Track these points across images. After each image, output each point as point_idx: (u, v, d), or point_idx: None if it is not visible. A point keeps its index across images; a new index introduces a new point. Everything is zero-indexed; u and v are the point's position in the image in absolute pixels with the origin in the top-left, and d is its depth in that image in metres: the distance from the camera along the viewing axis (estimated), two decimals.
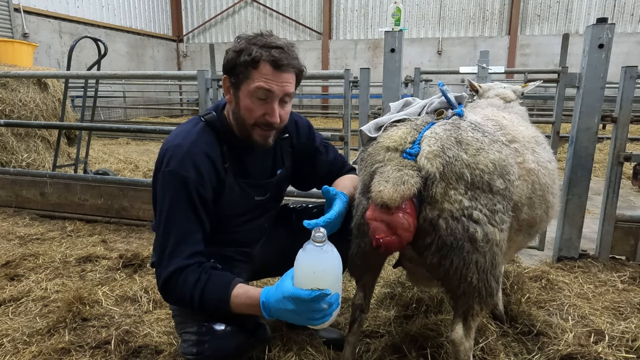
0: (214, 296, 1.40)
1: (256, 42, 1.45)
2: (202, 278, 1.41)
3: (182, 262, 1.43)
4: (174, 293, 1.45)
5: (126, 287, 2.54)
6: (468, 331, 1.43)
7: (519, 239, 1.63)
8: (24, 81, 5.34)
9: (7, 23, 10.99)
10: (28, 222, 3.78)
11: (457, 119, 1.45)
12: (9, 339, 2.02)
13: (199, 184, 1.48)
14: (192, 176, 1.47)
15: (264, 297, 1.33)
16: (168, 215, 1.47)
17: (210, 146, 1.54)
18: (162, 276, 1.44)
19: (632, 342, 1.97)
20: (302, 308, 1.25)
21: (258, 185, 1.70)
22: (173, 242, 1.45)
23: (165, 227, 1.47)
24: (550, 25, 15.00)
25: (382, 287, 2.46)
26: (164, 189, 1.49)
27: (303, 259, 1.26)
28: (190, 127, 1.59)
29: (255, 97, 1.46)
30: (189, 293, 1.41)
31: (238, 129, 1.57)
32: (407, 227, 1.29)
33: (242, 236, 1.74)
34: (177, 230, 1.46)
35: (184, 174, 1.46)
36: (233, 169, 1.60)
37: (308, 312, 1.25)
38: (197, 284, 1.40)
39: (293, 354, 1.85)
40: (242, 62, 1.44)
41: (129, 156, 7.07)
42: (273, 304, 1.30)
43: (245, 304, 1.37)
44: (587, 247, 3.01)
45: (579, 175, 2.84)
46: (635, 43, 14.08)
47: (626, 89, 2.72)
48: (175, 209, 1.46)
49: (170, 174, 1.47)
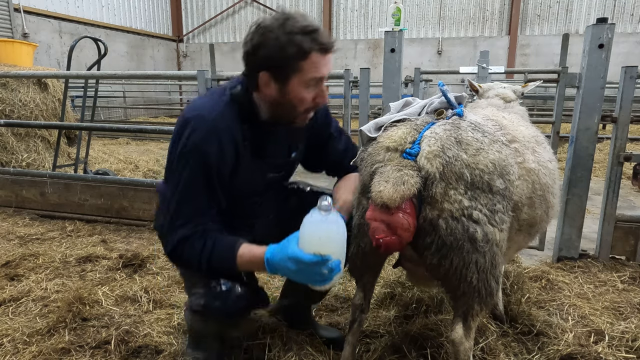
0: (220, 258, 1.46)
1: (292, 29, 1.37)
2: (208, 243, 1.46)
3: (191, 231, 1.47)
4: (182, 259, 1.53)
5: (126, 287, 2.54)
6: (468, 331, 1.43)
7: (519, 239, 1.63)
8: (24, 81, 5.33)
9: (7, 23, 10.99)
10: (28, 222, 3.78)
11: (457, 119, 1.45)
12: (9, 339, 2.02)
13: (220, 163, 1.48)
14: (214, 154, 1.46)
15: (268, 255, 1.39)
16: (184, 189, 1.47)
17: (234, 123, 1.51)
18: (171, 244, 1.49)
19: (632, 342, 1.97)
20: (303, 270, 1.31)
21: (273, 165, 1.70)
22: (186, 214, 1.47)
23: (180, 199, 1.48)
24: (550, 25, 15.01)
25: (382, 287, 2.46)
26: (183, 160, 1.47)
27: (308, 225, 1.31)
28: (216, 99, 1.54)
29: (307, 86, 1.45)
30: (196, 259, 1.47)
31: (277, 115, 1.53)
32: (407, 227, 1.29)
33: (248, 210, 1.75)
34: (192, 205, 1.48)
35: (206, 149, 1.45)
36: (251, 147, 1.58)
37: (308, 274, 1.33)
38: (204, 250, 1.46)
39: (293, 354, 1.85)
40: (289, 57, 1.38)
41: (129, 156, 7.07)
42: (276, 262, 1.36)
43: (250, 261, 1.43)
44: (587, 247, 3.01)
45: (579, 175, 2.84)
46: (635, 43, 14.08)
47: (626, 89, 2.72)
48: (192, 184, 1.47)
49: (193, 147, 1.45)
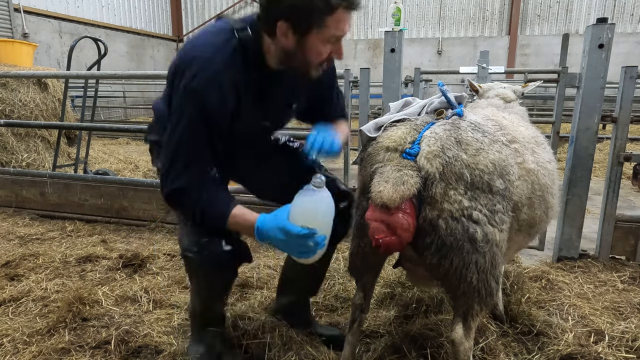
0: (214, 214, 1.50)
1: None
2: (204, 197, 1.49)
3: (187, 182, 1.49)
4: (177, 206, 1.59)
5: (126, 287, 2.54)
6: (468, 331, 1.43)
7: (519, 239, 1.63)
8: (24, 81, 5.33)
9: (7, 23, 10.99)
10: (28, 222, 3.78)
11: (457, 119, 1.45)
12: (9, 339, 2.02)
13: (221, 112, 1.47)
14: (215, 103, 1.44)
15: (259, 223, 1.44)
16: (182, 136, 1.47)
17: (240, 71, 1.48)
18: (167, 189, 1.51)
19: (632, 342, 1.97)
20: (291, 241, 1.38)
21: (271, 114, 1.69)
22: (183, 161, 1.48)
23: (177, 146, 1.48)
24: (550, 25, 15.00)
25: (382, 287, 2.46)
26: (184, 104, 1.46)
27: (300, 199, 1.40)
28: (222, 42, 1.48)
29: (326, 42, 1.44)
30: (191, 209, 1.52)
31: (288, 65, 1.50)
32: (406, 228, 1.29)
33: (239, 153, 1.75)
34: (189, 153, 1.48)
35: (208, 98, 1.43)
36: (253, 95, 1.56)
37: (295, 245, 1.39)
38: (199, 202, 1.49)
39: (293, 354, 1.85)
40: (315, 9, 1.36)
41: (129, 156, 7.07)
42: (266, 231, 1.42)
43: (241, 225, 1.49)
44: (587, 247, 3.01)
45: (579, 175, 2.84)
46: (635, 43, 14.07)
47: (626, 89, 2.72)
48: (191, 132, 1.46)
49: (195, 92, 1.43)
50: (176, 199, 1.52)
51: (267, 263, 2.81)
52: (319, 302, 2.36)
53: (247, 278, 2.60)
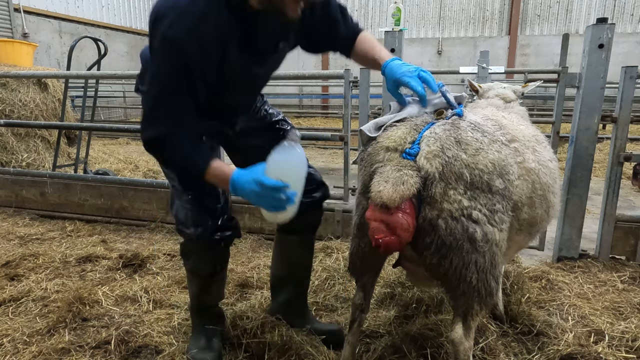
0: (193, 165, 1.53)
1: None
2: (186, 147, 1.51)
3: (169, 129, 1.49)
4: (157, 153, 1.59)
5: (126, 287, 2.54)
6: (468, 331, 1.43)
7: (519, 239, 1.63)
8: (24, 81, 5.34)
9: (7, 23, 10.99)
10: (28, 222, 3.78)
11: (456, 119, 1.45)
12: (9, 339, 2.02)
13: (202, 61, 1.43)
14: (195, 52, 1.39)
15: (235, 176, 1.47)
16: (163, 86, 1.46)
17: (220, 15, 1.43)
18: (149, 135, 1.51)
19: (632, 342, 1.97)
20: (264, 193, 1.41)
21: (260, 59, 1.64)
22: (165, 110, 1.48)
23: (158, 95, 1.48)
24: (550, 25, 15.00)
25: (382, 287, 2.46)
26: (162, 55, 1.43)
27: (276, 153, 1.46)
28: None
29: None
30: (171, 158, 1.56)
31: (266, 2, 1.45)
32: (406, 227, 1.29)
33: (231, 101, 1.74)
34: (170, 102, 1.47)
35: (187, 47, 1.38)
36: (239, 41, 1.51)
37: (268, 198, 1.42)
38: (180, 152, 1.51)
39: (293, 354, 1.85)
40: None
41: (129, 156, 7.07)
42: (241, 183, 1.45)
43: (218, 177, 1.52)
44: (587, 247, 3.01)
45: (579, 175, 2.84)
46: (635, 43, 14.07)
47: (626, 89, 2.72)
48: (171, 81, 1.45)
49: (173, 42, 1.38)
50: (155, 145, 1.53)
51: (267, 263, 2.81)
52: (319, 302, 2.36)
53: (247, 278, 2.60)
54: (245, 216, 3.40)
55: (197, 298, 1.95)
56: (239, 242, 3.25)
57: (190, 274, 1.92)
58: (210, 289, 1.93)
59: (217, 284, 1.95)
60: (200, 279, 1.90)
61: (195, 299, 1.96)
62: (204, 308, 1.97)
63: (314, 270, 2.74)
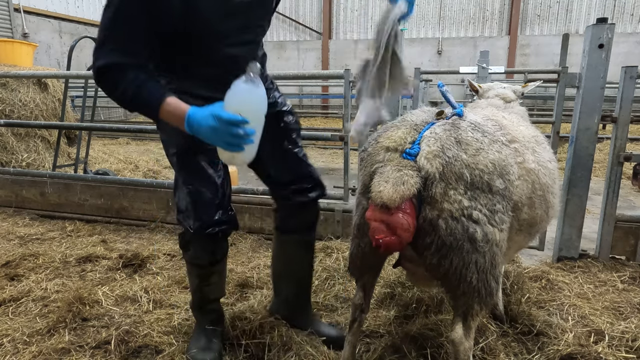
0: (147, 98, 1.46)
1: None
2: (141, 77, 1.45)
3: (122, 59, 1.43)
4: (108, 82, 1.48)
5: (126, 287, 2.54)
6: (468, 331, 1.43)
7: (519, 239, 1.63)
8: (24, 81, 5.34)
9: (7, 23, 11.00)
10: (28, 222, 3.78)
11: (456, 119, 1.45)
12: (9, 339, 2.02)
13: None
14: None
15: (191, 112, 1.42)
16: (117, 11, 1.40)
17: None
18: (100, 63, 1.44)
19: (632, 342, 1.97)
20: (222, 127, 1.36)
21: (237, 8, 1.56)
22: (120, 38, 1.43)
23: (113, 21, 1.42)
24: (550, 25, 15.01)
25: (382, 287, 2.46)
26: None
27: (235, 87, 1.39)
28: None
29: None
30: (123, 86, 1.45)
31: None
32: (406, 228, 1.29)
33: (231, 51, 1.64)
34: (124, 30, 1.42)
35: None
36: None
37: (226, 133, 1.36)
38: (133, 82, 1.44)
39: (293, 354, 1.85)
40: None
41: (129, 156, 7.07)
42: (198, 119, 1.39)
43: (173, 113, 1.45)
44: (587, 247, 3.01)
45: (579, 175, 2.84)
46: (635, 43, 14.08)
47: (626, 89, 2.72)
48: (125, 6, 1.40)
49: None
50: (110, 74, 1.45)
51: (267, 263, 2.81)
52: (319, 302, 2.37)
53: (247, 278, 2.60)
54: (245, 216, 3.40)
55: (197, 291, 1.92)
56: (239, 242, 3.25)
57: (190, 265, 1.91)
58: (210, 280, 1.90)
59: (217, 274, 1.92)
60: (200, 269, 1.87)
61: (196, 293, 1.94)
62: (204, 302, 1.95)
63: (314, 270, 2.74)
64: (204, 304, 1.95)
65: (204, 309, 1.95)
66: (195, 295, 1.95)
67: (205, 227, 1.74)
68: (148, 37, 1.46)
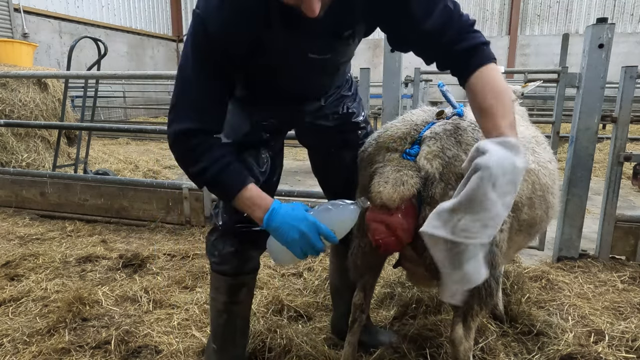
0: (228, 181, 1.36)
1: None
2: (227, 158, 1.36)
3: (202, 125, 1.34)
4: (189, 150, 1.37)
5: (126, 287, 2.54)
6: (468, 331, 1.43)
7: (519, 239, 1.63)
8: (24, 81, 5.34)
9: (7, 23, 11.00)
10: (28, 222, 3.78)
11: (457, 119, 1.45)
12: (9, 339, 2.02)
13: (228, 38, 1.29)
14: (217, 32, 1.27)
15: (276, 206, 1.31)
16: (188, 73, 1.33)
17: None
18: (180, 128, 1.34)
19: (632, 342, 1.97)
20: (311, 237, 1.27)
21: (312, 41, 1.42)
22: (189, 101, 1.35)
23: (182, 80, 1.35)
24: (550, 25, 15.01)
25: (382, 287, 2.46)
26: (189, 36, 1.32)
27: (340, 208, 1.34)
28: None
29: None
30: (205, 164, 1.35)
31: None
32: (406, 228, 1.29)
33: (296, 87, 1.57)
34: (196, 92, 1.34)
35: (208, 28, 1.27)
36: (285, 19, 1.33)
37: (308, 244, 1.28)
38: (218, 161, 1.34)
39: (293, 356, 1.85)
40: None
41: (129, 156, 7.07)
42: (282, 216, 1.29)
43: (252, 201, 1.34)
44: (587, 247, 3.01)
45: (579, 175, 2.84)
46: (635, 43, 14.08)
47: (626, 89, 2.72)
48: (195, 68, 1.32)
49: (197, 19, 1.29)
50: (195, 143, 1.34)
51: (267, 263, 2.81)
52: (319, 302, 2.36)
53: None
54: None
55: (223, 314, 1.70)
56: None
57: (216, 275, 1.69)
58: (238, 295, 1.69)
59: (244, 288, 1.71)
60: (226, 278, 1.66)
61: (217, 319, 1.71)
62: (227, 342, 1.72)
63: (314, 271, 2.74)
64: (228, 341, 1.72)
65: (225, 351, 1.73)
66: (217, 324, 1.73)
67: (235, 222, 1.57)
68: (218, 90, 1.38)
